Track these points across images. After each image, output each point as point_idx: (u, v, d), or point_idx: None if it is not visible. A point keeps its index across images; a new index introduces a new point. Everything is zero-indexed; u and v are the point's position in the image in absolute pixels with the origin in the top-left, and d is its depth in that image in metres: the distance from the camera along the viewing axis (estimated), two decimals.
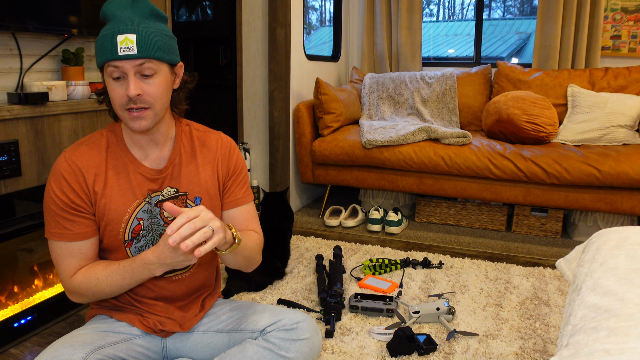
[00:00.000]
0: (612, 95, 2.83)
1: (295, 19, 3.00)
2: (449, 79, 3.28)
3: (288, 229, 2.33)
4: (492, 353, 1.66)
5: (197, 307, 1.32)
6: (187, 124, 1.30)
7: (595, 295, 0.90)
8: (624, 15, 3.16)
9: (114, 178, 1.17)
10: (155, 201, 1.21)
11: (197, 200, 1.25)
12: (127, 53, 1.05)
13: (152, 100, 1.10)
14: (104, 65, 1.08)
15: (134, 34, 1.05)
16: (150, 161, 1.21)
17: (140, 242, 1.21)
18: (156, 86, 1.10)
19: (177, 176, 1.23)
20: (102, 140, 1.19)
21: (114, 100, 1.10)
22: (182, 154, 1.25)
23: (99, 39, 1.09)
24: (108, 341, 1.14)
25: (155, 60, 1.09)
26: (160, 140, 1.21)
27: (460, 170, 2.67)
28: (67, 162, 1.15)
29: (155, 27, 1.10)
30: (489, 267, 2.38)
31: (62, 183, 1.14)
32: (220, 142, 1.30)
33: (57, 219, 1.14)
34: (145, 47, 1.06)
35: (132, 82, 1.07)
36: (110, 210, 1.17)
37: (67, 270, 1.17)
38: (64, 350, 1.06)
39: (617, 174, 2.42)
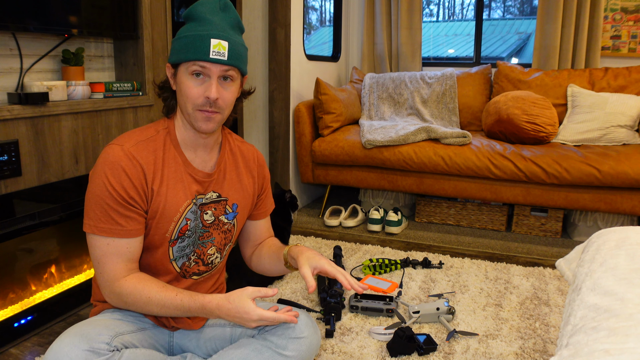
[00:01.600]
0: (612, 95, 2.83)
1: (295, 19, 3.00)
2: (449, 79, 3.28)
3: (285, 229, 2.32)
4: (492, 353, 1.66)
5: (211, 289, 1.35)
6: (229, 132, 1.34)
7: (595, 295, 0.90)
8: (624, 15, 3.16)
9: (169, 176, 1.18)
10: (199, 203, 1.22)
11: (235, 207, 1.29)
12: (219, 57, 1.09)
13: (224, 105, 1.14)
14: (188, 62, 1.10)
15: (227, 42, 1.10)
16: (198, 163, 1.23)
17: (184, 242, 1.22)
18: (232, 93, 1.15)
19: (221, 181, 1.26)
20: (158, 138, 1.19)
21: (189, 98, 1.12)
22: (227, 160, 1.29)
23: (186, 37, 1.11)
24: (126, 329, 1.15)
25: (238, 70, 1.14)
26: (211, 144, 1.24)
27: (460, 170, 2.67)
28: (127, 155, 1.12)
29: (240, 39, 1.16)
30: (489, 267, 2.38)
31: (122, 176, 1.11)
32: (255, 154, 1.36)
33: (110, 214, 1.11)
34: (234, 55, 1.11)
35: (215, 85, 1.10)
36: (165, 208, 1.17)
37: (114, 270, 1.13)
38: (91, 330, 1.06)
39: (617, 174, 2.42)
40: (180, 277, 1.26)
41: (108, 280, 1.14)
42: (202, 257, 1.26)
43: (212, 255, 1.28)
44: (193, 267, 1.26)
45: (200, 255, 1.26)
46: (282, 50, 2.95)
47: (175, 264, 1.23)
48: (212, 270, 1.32)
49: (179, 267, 1.24)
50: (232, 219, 1.29)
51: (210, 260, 1.29)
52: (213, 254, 1.28)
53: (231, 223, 1.29)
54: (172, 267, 1.23)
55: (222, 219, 1.27)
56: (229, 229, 1.29)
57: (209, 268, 1.30)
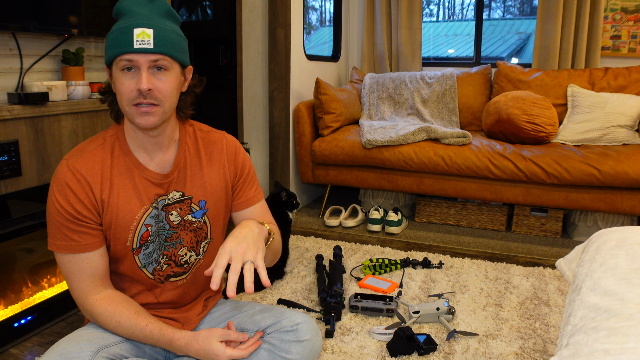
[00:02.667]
0: (612, 95, 2.83)
1: (295, 19, 3.00)
2: (449, 79, 3.28)
3: (283, 228, 2.32)
4: (492, 353, 1.66)
5: (199, 307, 1.32)
6: (191, 124, 1.28)
7: (595, 295, 0.90)
8: (624, 15, 3.16)
9: (120, 184, 1.14)
10: (162, 205, 1.18)
11: (202, 204, 1.23)
12: (144, 46, 1.03)
13: (162, 97, 1.08)
14: (116, 59, 1.06)
15: (151, 29, 1.04)
16: (155, 165, 1.18)
17: (149, 249, 1.19)
18: (168, 83, 1.08)
19: (182, 179, 1.21)
20: (105, 145, 1.16)
21: (122, 94, 1.07)
22: (187, 156, 1.22)
23: (112, 33, 1.06)
24: (113, 340, 1.13)
25: (169, 58, 1.07)
26: (164, 143, 1.18)
27: (460, 170, 2.67)
28: (71, 170, 1.10)
29: (171, 26, 1.10)
30: (489, 267, 2.38)
31: (68, 193, 1.10)
32: (225, 142, 1.28)
33: (63, 231, 1.11)
34: (162, 42, 1.05)
35: (145, 75, 1.04)
36: (118, 218, 1.13)
37: (82, 288, 1.12)
38: (71, 349, 1.05)
39: (617, 174, 2.42)
40: (158, 283, 1.22)
41: (78, 297, 1.13)
42: (173, 259, 1.23)
43: (185, 256, 1.24)
44: (166, 269, 1.22)
45: (171, 257, 1.22)
46: (282, 50, 2.95)
47: (145, 271, 1.20)
48: (190, 270, 1.27)
49: (151, 273, 1.21)
50: (201, 217, 1.23)
51: (183, 260, 1.24)
52: (185, 254, 1.24)
53: (200, 221, 1.24)
54: (144, 275, 1.20)
55: (188, 219, 1.22)
56: (199, 227, 1.24)
57: (185, 269, 1.25)
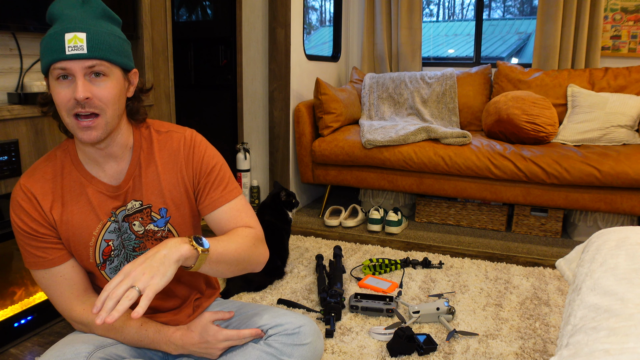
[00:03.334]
0: (612, 95, 2.83)
1: (295, 19, 3.00)
2: (449, 79, 3.28)
3: (283, 228, 2.32)
4: (492, 353, 1.66)
5: (189, 309, 1.28)
6: (147, 126, 1.18)
7: (595, 295, 0.90)
8: (624, 15, 3.16)
9: (72, 202, 1.09)
10: (122, 217, 1.12)
11: (163, 212, 1.15)
12: (76, 52, 0.94)
13: (102, 105, 0.99)
14: (50, 67, 0.98)
15: (84, 33, 0.96)
16: (109, 177, 1.12)
17: (114, 263, 1.15)
18: (107, 89, 0.99)
19: (138, 188, 1.13)
20: (56, 162, 1.10)
21: (59, 105, 0.98)
22: (142, 162, 1.14)
23: (43, 40, 0.98)
24: (110, 341, 1.13)
25: (107, 63, 0.99)
26: (117, 153, 1.10)
27: (460, 170, 2.67)
28: (22, 190, 1.07)
29: (108, 27, 1.01)
30: (489, 267, 2.38)
31: (21, 211, 1.07)
32: (183, 142, 1.16)
33: (27, 248, 1.09)
34: (97, 46, 0.96)
35: (81, 83, 0.96)
36: (75, 236, 1.09)
37: (65, 301, 1.11)
38: (67, 350, 1.04)
39: (617, 174, 2.42)
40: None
41: (63, 310, 1.12)
42: None
43: None
44: None
45: None
46: (282, 50, 2.95)
47: None
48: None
49: None
50: (164, 225, 1.16)
51: None
52: None
53: (164, 230, 1.16)
54: None
55: (151, 228, 1.15)
56: (163, 236, 1.16)
57: None
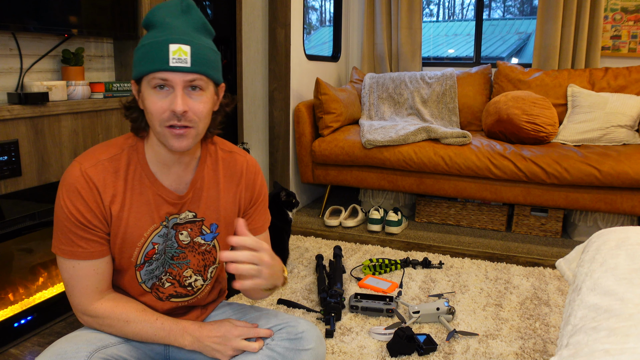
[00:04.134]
0: (612, 95, 2.83)
1: (295, 19, 3.00)
2: (449, 79, 3.28)
3: (283, 228, 2.32)
4: (492, 353, 1.66)
5: (197, 312, 1.29)
6: (214, 142, 1.20)
7: (595, 295, 0.90)
8: (624, 15, 3.16)
9: (132, 200, 1.09)
10: (172, 224, 1.14)
11: (213, 227, 1.18)
12: (180, 65, 0.96)
13: (197, 119, 1.01)
14: (147, 75, 0.99)
15: (189, 46, 0.97)
16: (172, 182, 1.13)
17: (152, 266, 1.16)
18: (203, 104, 1.01)
19: (197, 200, 1.15)
20: (122, 157, 1.09)
21: (154, 115, 0.99)
22: (205, 177, 1.16)
23: (143, 46, 1.00)
24: (111, 341, 1.12)
25: (206, 78, 1.00)
26: (186, 161, 1.13)
27: (460, 170, 2.67)
28: (83, 176, 1.05)
29: (207, 41, 1.03)
30: (489, 267, 2.38)
31: (77, 198, 1.04)
32: (246, 166, 1.22)
33: (69, 236, 1.06)
34: (199, 61, 0.98)
35: (180, 96, 0.97)
36: (127, 234, 1.09)
37: (85, 294, 1.09)
38: (68, 349, 1.04)
39: (617, 174, 2.42)
40: (157, 300, 1.19)
41: (80, 303, 1.10)
42: (177, 279, 1.19)
43: (190, 278, 1.21)
44: (168, 288, 1.18)
45: (176, 277, 1.19)
46: (282, 50, 2.95)
47: (144, 286, 1.17)
48: (196, 295, 1.24)
49: (149, 287, 1.18)
50: (211, 240, 1.19)
51: (188, 282, 1.20)
52: (190, 276, 1.20)
53: (210, 244, 1.19)
54: (142, 289, 1.18)
55: (197, 241, 1.17)
56: (207, 250, 1.19)
57: (189, 291, 1.21)
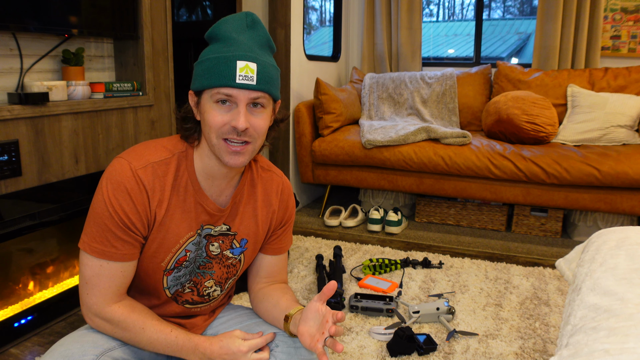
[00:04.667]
0: (611, 95, 2.83)
1: (295, 19, 3.00)
2: (448, 79, 3.28)
3: None
4: (492, 353, 1.66)
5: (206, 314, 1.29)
6: (256, 159, 1.21)
7: (595, 295, 0.90)
8: (624, 15, 3.16)
9: (176, 206, 1.09)
10: (205, 234, 1.14)
11: (243, 242, 1.19)
12: (246, 82, 0.96)
13: (256, 135, 1.01)
14: (211, 89, 0.99)
15: (255, 63, 0.97)
16: (214, 193, 1.13)
17: (180, 272, 1.15)
18: (263, 121, 1.02)
19: (234, 215, 1.16)
20: (172, 161, 1.08)
21: (213, 127, 0.99)
22: (244, 192, 1.18)
23: (208, 60, 0.99)
24: (116, 343, 1.11)
25: (268, 96, 1.01)
26: (231, 175, 1.13)
27: (460, 170, 2.67)
28: (134, 177, 1.03)
29: (271, 59, 1.03)
30: (489, 267, 2.38)
31: (125, 198, 1.02)
32: (282, 187, 1.23)
33: (106, 235, 1.03)
34: (264, 79, 0.99)
35: (243, 113, 0.98)
36: (165, 239, 1.09)
37: (104, 295, 1.06)
38: (74, 350, 1.02)
39: (617, 174, 2.42)
40: (172, 301, 1.19)
41: (97, 303, 1.07)
42: (197, 287, 1.19)
43: (210, 288, 1.21)
44: (187, 294, 1.19)
45: (197, 285, 1.19)
46: (282, 50, 2.95)
47: (167, 292, 1.17)
48: (209, 303, 1.25)
49: (172, 294, 1.18)
50: (239, 255, 1.20)
51: (206, 292, 1.21)
52: (211, 286, 1.21)
53: (237, 258, 1.20)
54: (164, 294, 1.17)
55: (226, 254, 1.18)
56: (233, 264, 1.21)
57: (204, 300, 1.22)
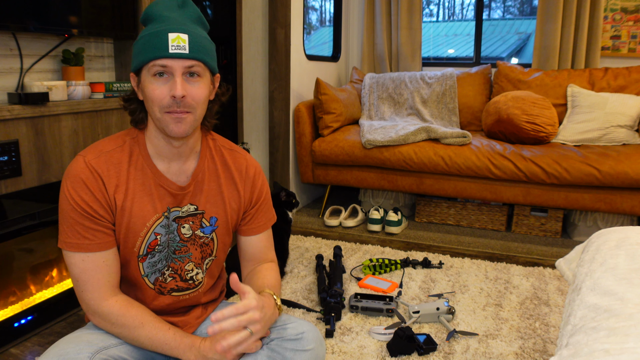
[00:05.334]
0: (611, 95, 2.83)
1: (295, 19, 3.00)
2: (448, 79, 3.28)
3: (283, 228, 2.32)
4: (492, 353, 1.66)
5: (198, 311, 1.30)
6: (214, 138, 1.25)
7: (595, 295, 0.90)
8: (624, 15, 3.16)
9: (135, 189, 1.12)
10: (174, 217, 1.16)
11: (213, 220, 1.21)
12: (179, 51, 1.01)
13: (194, 104, 1.06)
14: (148, 64, 1.03)
15: (186, 34, 1.03)
16: (173, 174, 1.16)
17: (155, 258, 1.17)
18: (201, 89, 1.07)
19: (198, 193, 1.19)
20: (124, 148, 1.13)
21: (154, 101, 1.04)
22: (206, 170, 1.20)
23: (143, 37, 1.04)
24: (112, 342, 1.12)
25: (203, 64, 1.06)
26: (186, 152, 1.16)
27: (460, 170, 2.67)
28: (87, 167, 1.07)
29: (203, 32, 1.09)
30: (489, 267, 2.38)
31: (82, 188, 1.07)
32: (246, 165, 1.27)
33: (76, 228, 1.07)
34: (197, 48, 1.04)
35: (180, 82, 1.03)
36: (130, 223, 1.11)
37: (98, 288, 1.08)
38: (70, 349, 1.04)
39: (617, 174, 2.42)
40: (158, 294, 1.20)
41: (92, 299, 1.09)
42: (179, 273, 1.21)
43: (191, 272, 1.23)
44: (170, 282, 1.20)
45: (177, 271, 1.21)
46: (282, 50, 2.95)
47: (147, 280, 1.18)
48: (197, 288, 1.25)
49: (152, 282, 1.19)
50: (210, 233, 1.22)
51: (189, 276, 1.22)
52: (191, 269, 1.23)
53: (208, 237, 1.22)
54: (145, 283, 1.18)
55: (198, 233, 1.20)
56: (205, 243, 1.22)
57: (190, 285, 1.23)
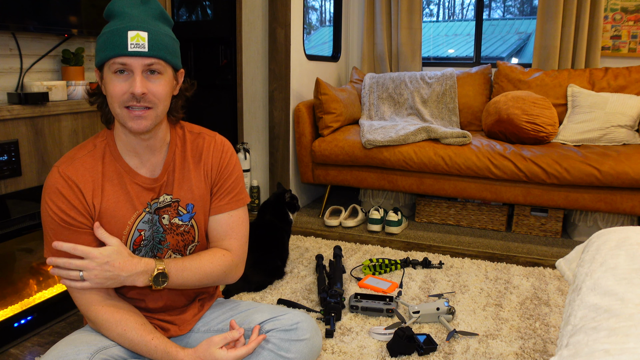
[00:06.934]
0: (612, 95, 2.83)
1: (295, 19, 3.00)
2: (449, 79, 3.28)
3: (283, 228, 2.32)
4: (492, 353, 1.66)
5: (195, 309, 1.31)
6: (182, 126, 1.27)
7: (595, 295, 0.90)
8: (624, 15, 3.16)
9: (111, 190, 1.14)
10: (155, 209, 1.18)
11: (190, 207, 1.22)
12: (138, 50, 1.03)
13: (156, 100, 1.08)
14: (108, 61, 1.05)
15: (146, 32, 1.04)
16: (146, 169, 1.18)
17: (141, 253, 1.19)
18: (161, 86, 1.08)
19: (171, 183, 1.21)
20: (96, 152, 1.15)
21: (114, 96, 1.06)
22: (176, 159, 1.22)
23: (104, 34, 1.06)
24: (111, 342, 1.13)
25: (163, 62, 1.08)
26: (156, 146, 1.18)
27: (460, 170, 2.67)
28: (62, 177, 1.10)
29: (165, 29, 1.10)
30: (489, 267, 2.38)
31: (59, 199, 1.09)
32: (213, 143, 1.26)
33: (58, 238, 1.10)
34: (156, 46, 1.05)
35: (139, 79, 1.04)
36: (111, 225, 1.13)
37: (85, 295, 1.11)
38: (69, 351, 1.05)
39: (617, 174, 2.42)
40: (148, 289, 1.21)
41: (82, 304, 1.12)
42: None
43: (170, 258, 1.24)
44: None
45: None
46: (282, 50, 2.95)
47: None
48: None
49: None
50: (188, 221, 1.23)
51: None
52: (170, 256, 1.24)
53: (188, 224, 1.23)
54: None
55: (175, 222, 1.22)
56: (185, 231, 1.23)
57: None
